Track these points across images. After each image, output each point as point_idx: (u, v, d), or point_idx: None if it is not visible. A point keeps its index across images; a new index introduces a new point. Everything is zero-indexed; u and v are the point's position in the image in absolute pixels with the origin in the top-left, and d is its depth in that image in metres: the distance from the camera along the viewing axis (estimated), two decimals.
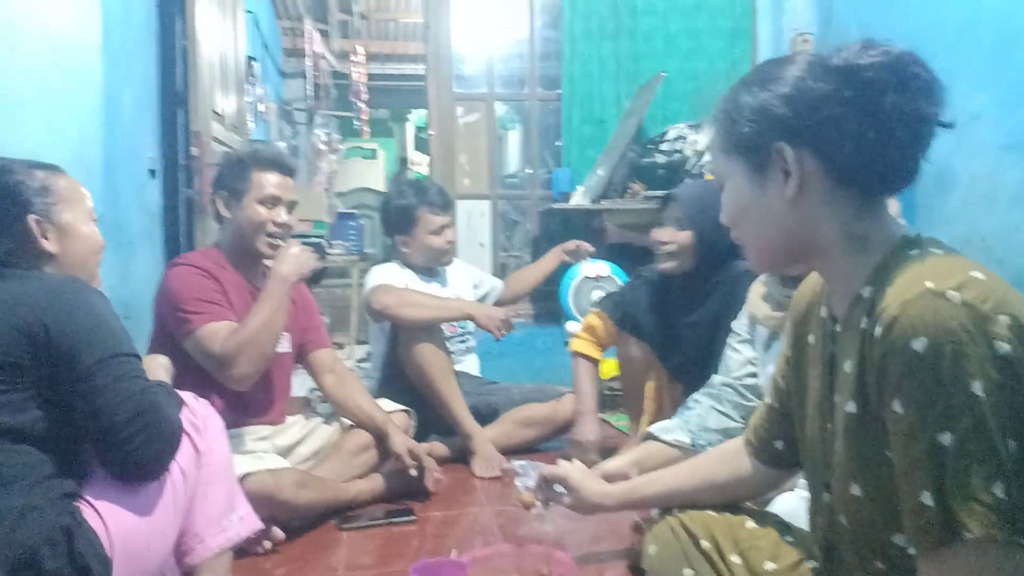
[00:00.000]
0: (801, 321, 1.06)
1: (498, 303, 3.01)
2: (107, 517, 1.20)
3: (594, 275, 2.96)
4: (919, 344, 0.76)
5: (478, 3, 4.65)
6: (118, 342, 1.26)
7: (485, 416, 2.64)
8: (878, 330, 0.81)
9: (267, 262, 2.16)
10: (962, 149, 3.09)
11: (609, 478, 1.55)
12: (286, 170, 2.13)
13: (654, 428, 1.74)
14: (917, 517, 0.78)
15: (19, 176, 1.33)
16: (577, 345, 2.48)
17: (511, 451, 2.54)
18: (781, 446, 1.14)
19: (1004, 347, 0.75)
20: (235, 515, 1.40)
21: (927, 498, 0.76)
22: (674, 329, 2.28)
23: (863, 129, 0.86)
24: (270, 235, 2.08)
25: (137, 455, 1.23)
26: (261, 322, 1.92)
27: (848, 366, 0.89)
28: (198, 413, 1.39)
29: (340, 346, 4.79)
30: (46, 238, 1.33)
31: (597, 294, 2.95)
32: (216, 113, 3.54)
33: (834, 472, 0.94)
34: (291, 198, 2.13)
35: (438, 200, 2.79)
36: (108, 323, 1.26)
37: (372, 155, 11.25)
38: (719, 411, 1.74)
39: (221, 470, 1.40)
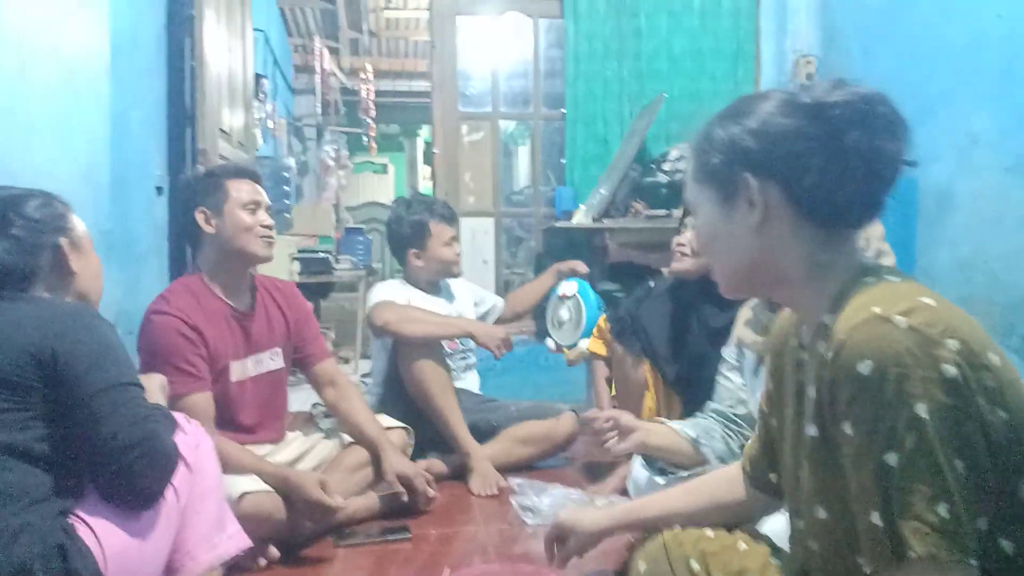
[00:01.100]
0: (779, 353, 1.08)
1: (499, 321, 3.04)
2: (101, 534, 1.23)
3: (561, 294, 3.02)
4: (865, 367, 0.78)
5: (484, 24, 4.70)
6: (122, 371, 1.30)
7: (484, 433, 2.65)
8: (829, 354, 0.84)
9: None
10: (964, 171, 3.10)
11: (621, 426, 1.69)
12: (255, 177, 2.16)
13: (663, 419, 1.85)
14: (869, 537, 0.80)
15: (46, 203, 1.41)
16: (593, 346, 2.55)
17: (509, 469, 2.55)
18: (775, 478, 1.15)
19: (951, 370, 0.77)
20: (225, 533, 1.43)
21: (876, 518, 0.78)
22: (680, 340, 2.25)
23: (825, 164, 0.89)
24: (261, 236, 2.09)
25: (134, 483, 1.27)
26: (236, 459, 1.90)
27: (811, 391, 0.92)
28: (190, 432, 1.42)
29: (346, 360, 4.82)
30: (71, 259, 1.42)
31: (563, 312, 3.00)
32: (223, 131, 3.59)
33: (803, 497, 0.96)
34: (268, 202, 2.15)
35: (446, 212, 2.88)
36: (114, 352, 1.31)
37: (383, 170, 11.35)
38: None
39: (212, 488, 1.43)
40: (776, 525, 1.44)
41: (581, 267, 3.14)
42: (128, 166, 2.80)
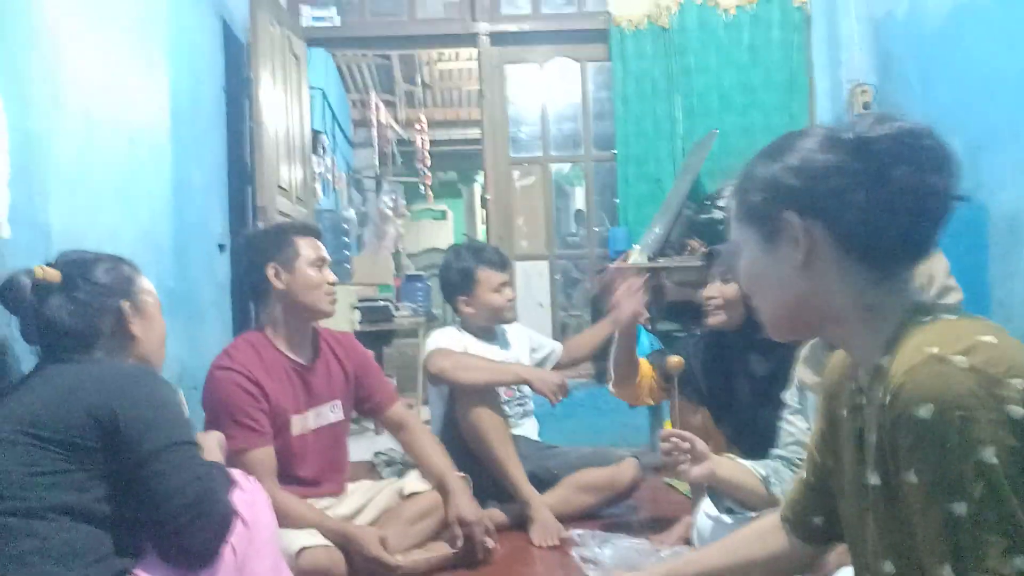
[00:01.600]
0: (834, 394, 1.04)
1: (557, 367, 3.00)
2: None
3: None
4: (924, 411, 0.75)
5: (532, 71, 4.76)
6: (177, 431, 1.33)
7: (544, 481, 2.61)
8: (886, 399, 0.80)
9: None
10: None
11: (696, 451, 1.67)
12: (319, 234, 2.23)
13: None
14: None
15: (113, 267, 1.46)
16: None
17: (570, 517, 2.50)
18: (820, 522, 1.10)
19: (1018, 410, 0.73)
20: None
21: (948, 572, 0.74)
22: (726, 389, 2.22)
23: (870, 201, 0.86)
24: (327, 294, 2.15)
25: (191, 542, 1.28)
26: (298, 514, 1.93)
27: (871, 438, 0.88)
28: (247, 489, 1.43)
29: (409, 406, 4.83)
30: (133, 323, 1.44)
31: None
32: (281, 187, 3.69)
33: (868, 550, 0.91)
34: (329, 259, 2.22)
35: (495, 258, 2.86)
36: (170, 412, 1.34)
37: (442, 216, 11.53)
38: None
39: (268, 542, 1.43)
40: None
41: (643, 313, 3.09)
42: (190, 225, 2.89)
